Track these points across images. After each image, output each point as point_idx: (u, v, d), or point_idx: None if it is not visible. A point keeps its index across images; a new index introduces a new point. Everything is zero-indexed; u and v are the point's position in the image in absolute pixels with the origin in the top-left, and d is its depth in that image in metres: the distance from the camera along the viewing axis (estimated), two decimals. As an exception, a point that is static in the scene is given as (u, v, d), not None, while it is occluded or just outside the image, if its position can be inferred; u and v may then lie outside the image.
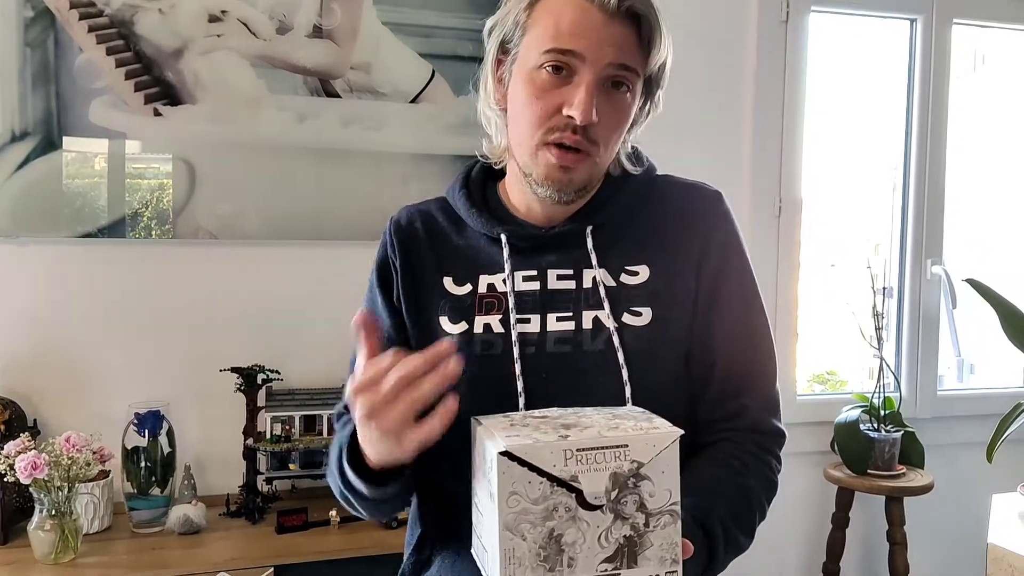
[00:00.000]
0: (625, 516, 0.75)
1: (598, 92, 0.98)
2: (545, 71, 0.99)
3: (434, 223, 1.15)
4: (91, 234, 2.02)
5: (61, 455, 1.68)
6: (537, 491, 0.73)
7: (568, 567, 0.74)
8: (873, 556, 2.63)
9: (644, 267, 1.07)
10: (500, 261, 1.08)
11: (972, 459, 2.45)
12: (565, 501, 0.74)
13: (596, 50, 0.97)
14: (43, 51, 1.97)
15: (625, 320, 1.04)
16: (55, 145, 1.98)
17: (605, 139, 1.02)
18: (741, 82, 2.48)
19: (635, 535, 0.75)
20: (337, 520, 1.90)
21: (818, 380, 2.87)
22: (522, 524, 0.73)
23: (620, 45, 0.98)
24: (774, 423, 1.09)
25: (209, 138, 2.08)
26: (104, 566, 1.70)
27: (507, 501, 0.73)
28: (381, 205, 2.13)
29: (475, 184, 1.15)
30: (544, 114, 1.00)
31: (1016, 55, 2.87)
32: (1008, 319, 2.04)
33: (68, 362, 2.04)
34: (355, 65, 2.16)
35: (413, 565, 1.12)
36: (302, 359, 2.13)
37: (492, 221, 1.10)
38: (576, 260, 1.07)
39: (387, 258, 1.14)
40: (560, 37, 0.98)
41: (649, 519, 0.75)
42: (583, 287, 1.05)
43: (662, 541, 0.76)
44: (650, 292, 1.05)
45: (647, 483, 0.75)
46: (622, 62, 0.99)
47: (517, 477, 0.73)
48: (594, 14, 0.97)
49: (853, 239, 2.83)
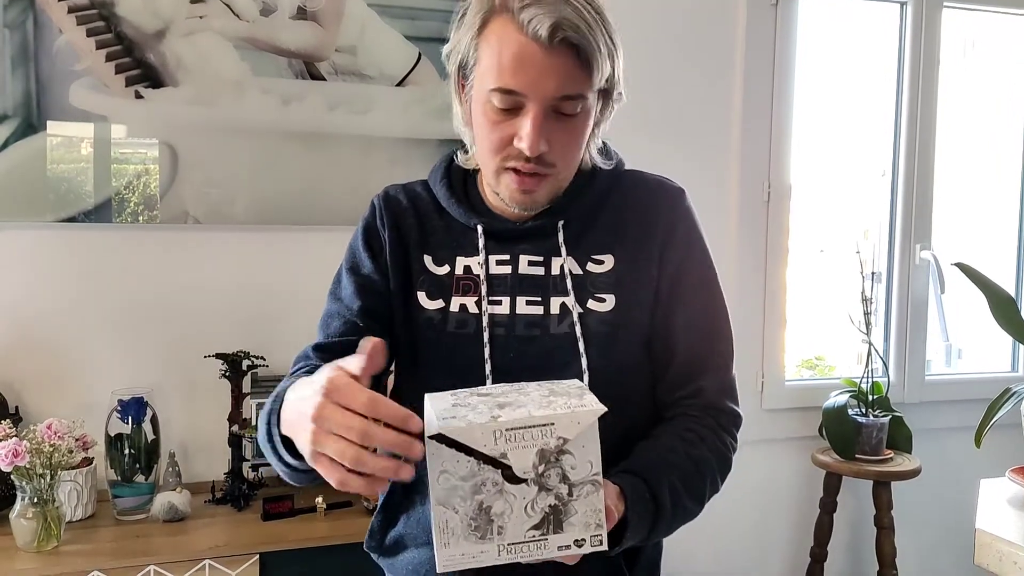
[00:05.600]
0: (549, 487, 0.81)
1: (546, 120, 1.01)
2: (494, 105, 1.02)
3: (418, 203, 1.19)
4: (74, 219, 1.99)
5: (43, 442, 1.66)
6: (465, 468, 0.80)
7: (498, 535, 0.82)
8: (860, 540, 2.64)
9: (609, 256, 1.12)
10: (476, 244, 1.13)
11: (959, 444, 2.46)
12: (492, 476, 0.80)
13: (537, 86, 0.99)
14: (22, 33, 1.94)
15: (590, 306, 1.10)
16: (35, 128, 1.95)
17: (562, 159, 1.06)
18: (730, 66, 2.46)
19: (560, 504, 0.82)
20: (323, 507, 1.89)
21: (807, 365, 2.87)
22: (453, 498, 0.81)
23: (561, 76, 0.99)
24: (730, 405, 1.14)
25: (192, 121, 2.05)
26: (88, 554, 1.69)
27: (437, 480, 0.80)
28: (367, 190, 2.06)
29: (456, 174, 1.19)
30: (499, 143, 1.04)
31: (1006, 40, 2.87)
32: (997, 303, 2.04)
33: (50, 348, 2.01)
34: (340, 47, 2.14)
35: (380, 523, 1.17)
36: (287, 345, 2.10)
37: (470, 213, 1.15)
38: (547, 249, 1.12)
39: (375, 226, 1.19)
40: (503, 76, 1.00)
41: (572, 489, 0.82)
42: (551, 274, 1.11)
43: (586, 508, 0.82)
44: (614, 280, 1.11)
45: (569, 456, 0.81)
46: (564, 93, 1.00)
47: (446, 457, 0.80)
48: (531, 48, 0.98)
49: (842, 224, 2.82)
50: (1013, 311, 2.04)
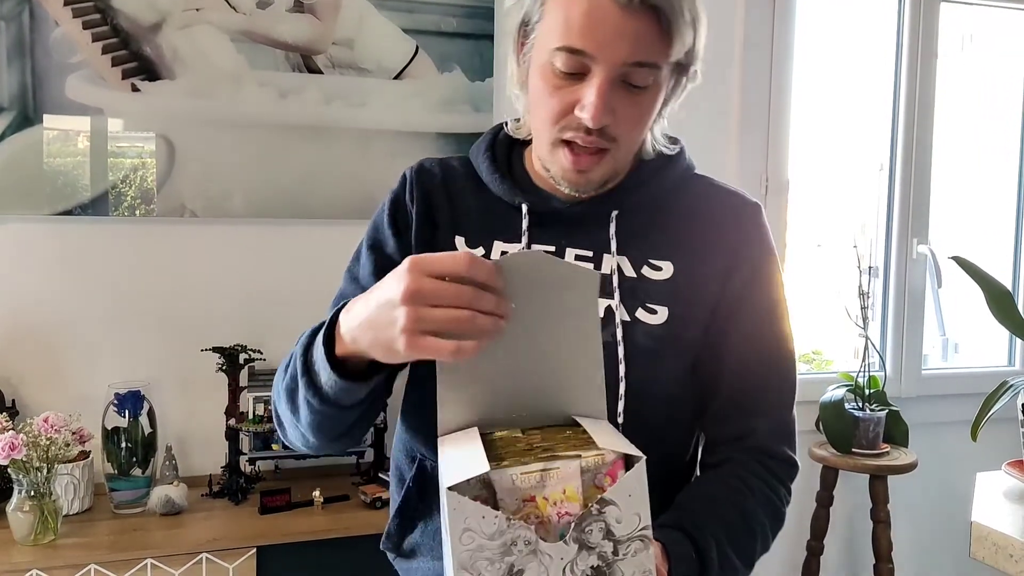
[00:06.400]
0: (591, 546, 0.70)
1: (613, 90, 0.92)
2: (557, 67, 0.92)
3: (454, 178, 1.10)
4: (71, 212, 1.99)
5: (40, 436, 1.66)
6: (492, 526, 0.69)
7: None
8: (857, 534, 2.65)
9: (668, 264, 1.02)
10: (518, 230, 1.04)
11: (956, 438, 2.46)
12: (524, 534, 0.69)
13: (609, 48, 0.89)
14: (18, 25, 1.93)
15: (639, 316, 1.00)
16: (31, 121, 1.94)
17: (625, 135, 0.96)
18: (728, 60, 2.45)
19: (603, 565, 0.70)
20: (321, 500, 1.88)
21: (804, 359, 2.87)
22: (479, 562, 0.69)
23: (636, 41, 0.90)
24: (785, 451, 1.04)
25: (189, 114, 2.04)
26: (85, 547, 1.68)
27: (460, 539, 0.68)
28: (365, 183, 2.10)
29: (501, 148, 1.09)
30: (558, 112, 0.94)
31: (1004, 34, 2.86)
32: (995, 297, 2.03)
33: (47, 342, 2.01)
34: (337, 40, 2.13)
35: (398, 527, 1.10)
36: (285, 339, 2.08)
37: (515, 190, 1.05)
38: (597, 243, 1.02)
39: (403, 201, 1.09)
40: (570, 34, 0.90)
41: (618, 547, 0.71)
42: (601, 272, 1.00)
43: (634, 569, 0.71)
44: (670, 291, 1.01)
45: (613, 508, 0.70)
46: (639, 60, 0.91)
47: (470, 512, 0.68)
48: (607, 6, 0.88)
49: (839, 219, 2.83)
50: (1010, 305, 2.04)
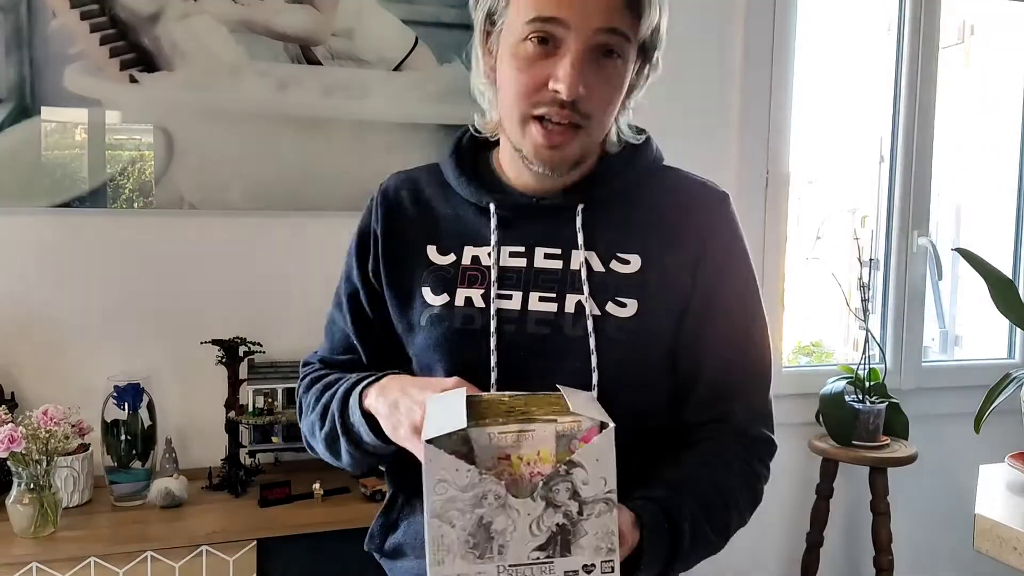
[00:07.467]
0: (557, 504, 0.75)
1: (586, 63, 0.93)
2: (530, 43, 0.94)
3: (421, 191, 1.12)
4: (69, 204, 1.98)
5: (39, 428, 1.65)
6: (465, 478, 0.74)
7: (499, 554, 0.74)
8: (856, 526, 2.65)
9: (636, 256, 1.03)
10: (487, 233, 1.05)
11: (955, 430, 2.46)
12: (495, 489, 0.74)
13: (581, 15, 0.92)
14: (15, 16, 1.91)
15: (608, 309, 1.01)
16: (29, 113, 1.93)
17: (598, 111, 0.97)
18: (730, 52, 2.44)
19: (568, 523, 0.75)
20: (320, 493, 1.88)
21: (804, 352, 2.87)
22: (450, 511, 0.74)
23: (607, 8, 0.93)
24: (763, 431, 1.06)
25: (187, 106, 2.03)
26: (84, 540, 1.68)
27: (434, 488, 0.74)
28: (364, 175, 2.08)
29: (465, 151, 1.11)
30: (530, 87, 0.95)
31: (1005, 26, 2.86)
32: (997, 289, 2.04)
33: (46, 334, 2.00)
34: (337, 31, 2.12)
35: (381, 527, 1.14)
36: (284, 331, 2.10)
37: (481, 190, 1.07)
38: (565, 239, 1.03)
39: (369, 227, 1.12)
40: (542, 4, 0.92)
41: (583, 507, 0.75)
42: (570, 268, 1.02)
43: (597, 530, 0.75)
44: (639, 283, 1.02)
45: (580, 471, 0.74)
46: (611, 26, 0.93)
47: (445, 464, 0.74)
48: None
49: (840, 211, 2.82)
50: (1014, 295, 2.04)
